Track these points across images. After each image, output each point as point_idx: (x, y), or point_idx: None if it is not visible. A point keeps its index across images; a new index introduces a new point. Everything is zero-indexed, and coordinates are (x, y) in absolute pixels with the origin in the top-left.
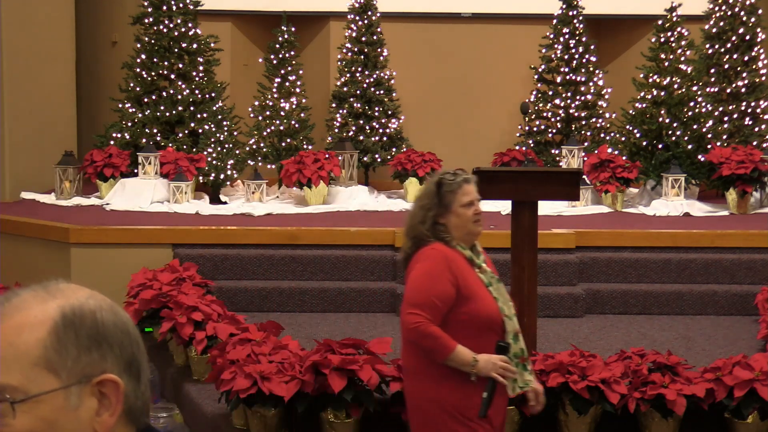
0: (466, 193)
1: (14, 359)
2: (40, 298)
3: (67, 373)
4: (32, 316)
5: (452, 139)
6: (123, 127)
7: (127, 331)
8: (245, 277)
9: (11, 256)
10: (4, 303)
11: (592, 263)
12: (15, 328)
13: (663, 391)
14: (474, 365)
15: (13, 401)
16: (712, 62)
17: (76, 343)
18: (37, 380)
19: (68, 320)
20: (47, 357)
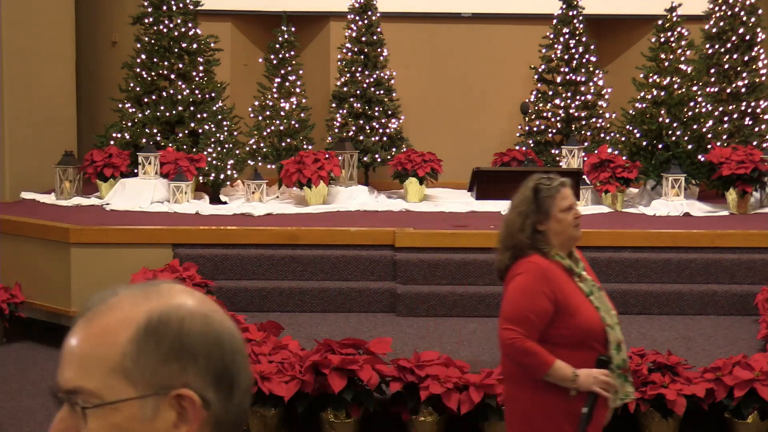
0: (565, 197)
1: (94, 363)
2: (133, 300)
3: (143, 383)
4: (118, 320)
5: (452, 139)
6: (123, 127)
7: (220, 343)
8: (245, 277)
9: (11, 256)
10: (99, 302)
11: (591, 263)
12: (100, 330)
13: (663, 391)
14: (574, 380)
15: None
16: (712, 62)
17: (155, 353)
18: (114, 387)
19: (151, 328)
20: (124, 365)
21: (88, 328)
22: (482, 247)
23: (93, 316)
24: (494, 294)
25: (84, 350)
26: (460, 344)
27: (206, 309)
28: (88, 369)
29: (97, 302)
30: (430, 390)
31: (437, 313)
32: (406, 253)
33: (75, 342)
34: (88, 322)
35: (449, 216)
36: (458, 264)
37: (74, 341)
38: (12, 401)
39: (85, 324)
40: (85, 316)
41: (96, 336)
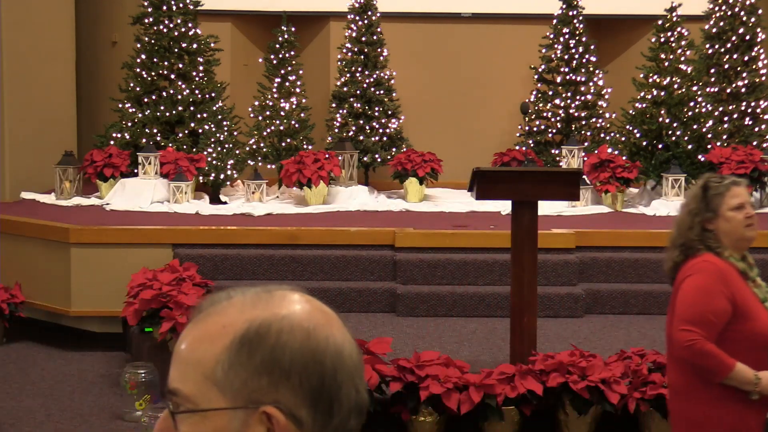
0: (735, 196)
1: (192, 367)
2: (241, 307)
3: (233, 395)
4: (220, 326)
5: (452, 139)
6: (123, 127)
7: (320, 360)
8: (245, 277)
9: (11, 256)
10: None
11: (592, 263)
12: (202, 335)
13: (663, 391)
14: (756, 383)
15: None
16: (712, 62)
17: (246, 364)
18: (206, 395)
19: (246, 339)
20: (216, 373)
21: (194, 330)
22: (482, 247)
23: (203, 319)
24: (494, 294)
25: (186, 353)
26: (460, 344)
27: (313, 322)
28: (186, 372)
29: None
30: (430, 390)
31: (437, 313)
32: (406, 253)
33: (182, 344)
34: (197, 324)
35: (449, 216)
36: (458, 264)
37: (182, 343)
38: (12, 401)
39: (194, 326)
40: (197, 317)
41: (197, 340)
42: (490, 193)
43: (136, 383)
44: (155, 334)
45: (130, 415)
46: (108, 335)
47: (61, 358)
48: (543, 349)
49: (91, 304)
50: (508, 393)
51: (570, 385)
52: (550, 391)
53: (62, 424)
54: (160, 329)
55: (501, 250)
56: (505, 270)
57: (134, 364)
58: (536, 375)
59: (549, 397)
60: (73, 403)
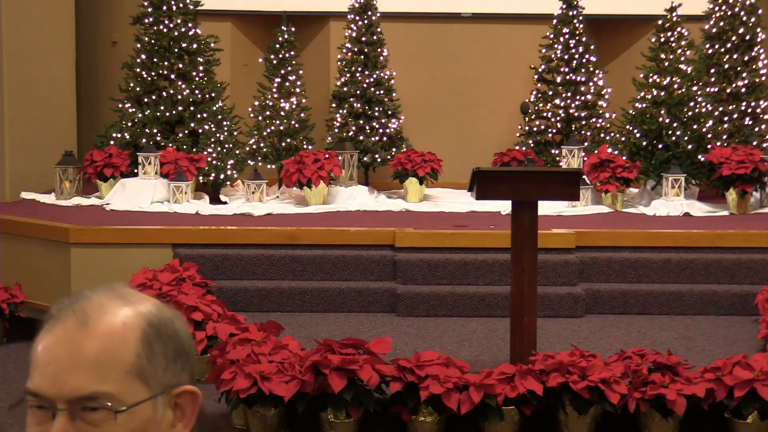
0: None
1: (110, 366)
2: (119, 302)
3: (156, 383)
4: (120, 322)
5: (452, 139)
6: (123, 127)
7: (191, 342)
8: (245, 277)
9: (11, 256)
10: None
11: (592, 263)
12: (105, 333)
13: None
14: None
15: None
16: (712, 62)
17: (164, 352)
18: (131, 390)
19: (155, 329)
20: (140, 366)
21: (87, 332)
22: (482, 247)
23: (85, 320)
24: (494, 294)
25: (94, 355)
26: (460, 344)
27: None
28: (103, 374)
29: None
30: (430, 390)
31: (437, 313)
32: (406, 253)
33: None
34: (83, 326)
35: (449, 216)
36: (458, 264)
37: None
38: (12, 401)
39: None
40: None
41: (102, 339)
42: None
43: None
44: None
45: None
46: None
47: None
48: (543, 349)
49: None
50: (508, 393)
51: (570, 385)
52: (550, 391)
53: None
54: None
55: (501, 250)
56: (505, 270)
57: None
58: (536, 375)
59: (549, 397)
60: None
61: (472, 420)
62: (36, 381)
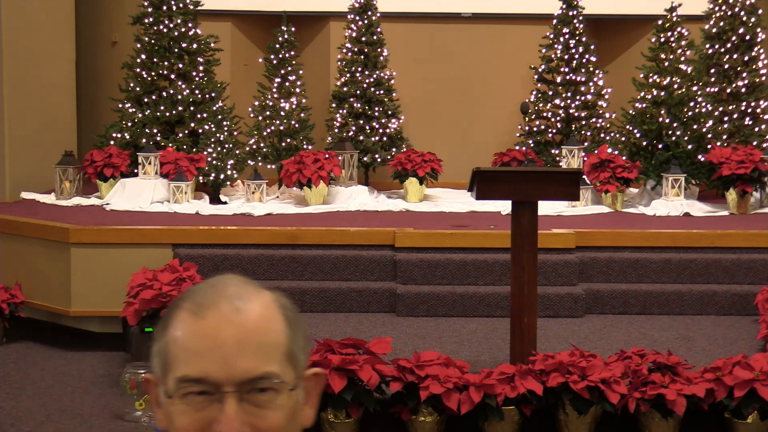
0: None
1: (272, 348)
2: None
3: (299, 366)
4: (264, 308)
5: (452, 139)
6: (123, 127)
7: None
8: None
9: (11, 256)
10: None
11: (592, 263)
12: (259, 318)
13: (663, 391)
14: None
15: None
16: (712, 62)
17: (303, 335)
18: (287, 371)
19: (292, 317)
20: (290, 348)
21: (244, 317)
22: (482, 247)
23: (240, 306)
24: (494, 294)
25: (257, 337)
26: (460, 344)
27: None
28: (268, 354)
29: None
30: (430, 390)
31: (437, 313)
32: (406, 253)
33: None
34: (239, 313)
35: (449, 216)
36: (458, 264)
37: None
38: (12, 401)
39: (236, 314)
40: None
41: (259, 323)
42: (490, 193)
43: (136, 383)
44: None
45: (130, 415)
46: (108, 335)
47: (61, 358)
48: (543, 349)
49: (91, 304)
50: (508, 393)
51: (570, 385)
52: (550, 391)
53: (62, 424)
54: None
55: (501, 250)
56: (505, 270)
57: (134, 364)
58: (536, 375)
59: (549, 397)
60: (73, 403)
61: (472, 420)
62: (200, 366)
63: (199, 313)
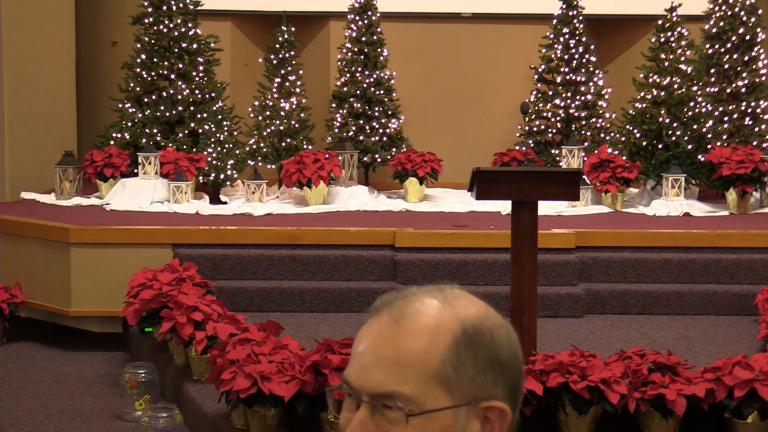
0: None
1: (412, 368)
2: (439, 305)
3: (460, 393)
4: (433, 325)
5: (452, 139)
6: (123, 127)
7: (517, 355)
8: (245, 277)
9: (11, 256)
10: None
11: (592, 263)
12: (415, 333)
13: (663, 391)
14: None
15: (409, 413)
16: (712, 62)
17: (473, 362)
18: (431, 395)
19: (468, 337)
20: (444, 372)
21: (398, 330)
22: (482, 247)
23: (400, 318)
24: (494, 294)
25: (399, 355)
26: None
27: (504, 322)
28: (405, 374)
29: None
30: None
31: None
32: (406, 253)
33: (385, 345)
34: (395, 324)
35: (449, 216)
36: (458, 264)
37: (383, 344)
38: (12, 401)
39: (393, 326)
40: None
41: (410, 341)
42: (490, 193)
43: (136, 383)
44: (155, 334)
45: (130, 415)
46: (108, 335)
47: (61, 358)
48: (543, 349)
49: (91, 304)
50: None
51: (570, 385)
52: (550, 391)
53: (62, 424)
54: (160, 329)
55: (501, 250)
56: (505, 270)
57: (134, 364)
58: (536, 375)
59: (549, 397)
60: (73, 403)
61: None
62: (349, 370)
63: (370, 318)
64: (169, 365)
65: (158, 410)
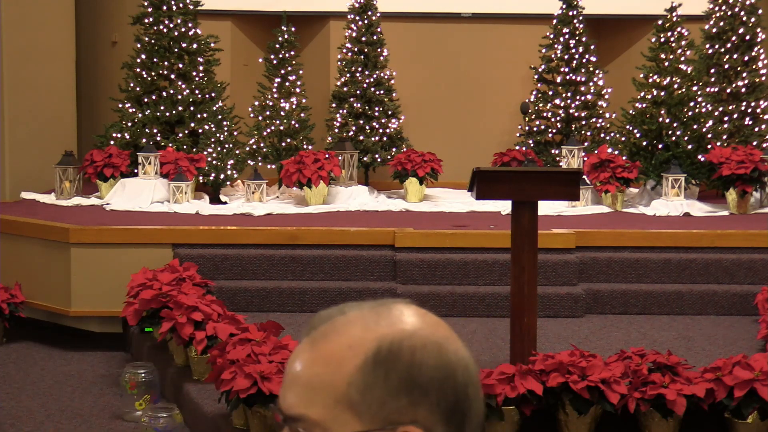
0: None
1: (319, 392)
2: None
3: (370, 417)
4: (346, 346)
5: (452, 139)
6: (123, 127)
7: (453, 375)
8: (245, 277)
9: (11, 256)
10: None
11: (592, 263)
12: (326, 356)
13: (663, 391)
14: None
15: None
16: (712, 62)
17: (384, 385)
18: (340, 419)
19: (381, 357)
20: (351, 395)
21: (314, 351)
22: (482, 247)
23: (319, 338)
24: (494, 294)
25: (308, 376)
26: None
27: (440, 336)
28: (312, 397)
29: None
30: None
31: (437, 313)
32: (406, 253)
33: (299, 365)
34: (314, 344)
35: (449, 216)
36: (458, 264)
37: (298, 364)
38: (12, 401)
39: (311, 346)
40: (311, 336)
41: (321, 362)
42: (490, 193)
43: (136, 383)
44: (155, 334)
45: (130, 415)
46: (108, 335)
47: (61, 358)
48: (543, 349)
49: (91, 304)
50: (508, 393)
51: (570, 385)
52: (550, 391)
53: (62, 424)
54: (160, 329)
55: (501, 250)
56: (505, 270)
57: (134, 364)
58: (536, 375)
59: (549, 397)
60: (73, 403)
61: None
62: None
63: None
64: (169, 365)
65: (158, 410)
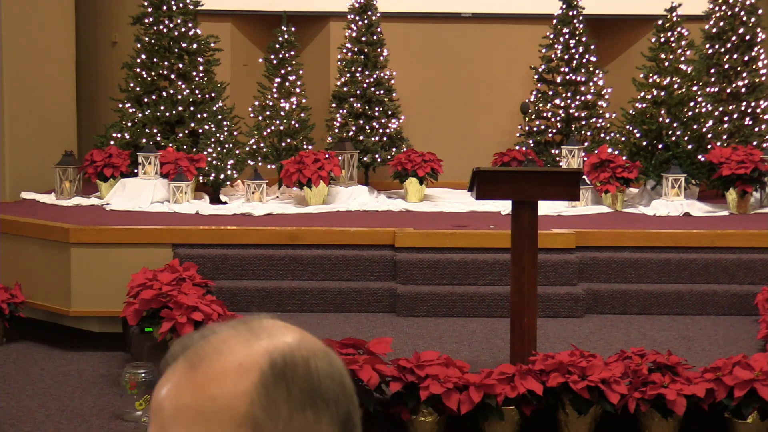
0: None
1: (217, 417)
2: (243, 339)
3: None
4: (236, 363)
5: (452, 139)
6: (123, 127)
7: (343, 383)
8: (245, 277)
9: (11, 256)
10: (199, 341)
11: (592, 263)
12: (216, 376)
13: (663, 391)
14: None
15: None
16: (712, 62)
17: (287, 399)
18: None
19: (278, 371)
20: (254, 415)
21: (197, 376)
22: (482, 247)
23: (197, 362)
24: (494, 294)
25: (199, 405)
26: (460, 344)
27: (321, 345)
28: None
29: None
30: (430, 390)
31: (437, 313)
32: (406, 253)
33: (182, 396)
34: (193, 369)
35: (449, 216)
36: (458, 264)
37: (181, 392)
38: (12, 401)
39: (190, 371)
40: (184, 362)
41: (213, 385)
42: (490, 193)
43: (136, 383)
44: (155, 334)
45: (130, 415)
46: (108, 335)
47: (61, 358)
48: (543, 349)
49: (91, 304)
50: (508, 393)
51: (570, 385)
52: (550, 391)
53: (62, 424)
54: (160, 329)
55: (501, 250)
56: (505, 270)
57: (134, 364)
58: (536, 375)
59: (549, 397)
60: (73, 403)
61: (472, 420)
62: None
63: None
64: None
65: None
